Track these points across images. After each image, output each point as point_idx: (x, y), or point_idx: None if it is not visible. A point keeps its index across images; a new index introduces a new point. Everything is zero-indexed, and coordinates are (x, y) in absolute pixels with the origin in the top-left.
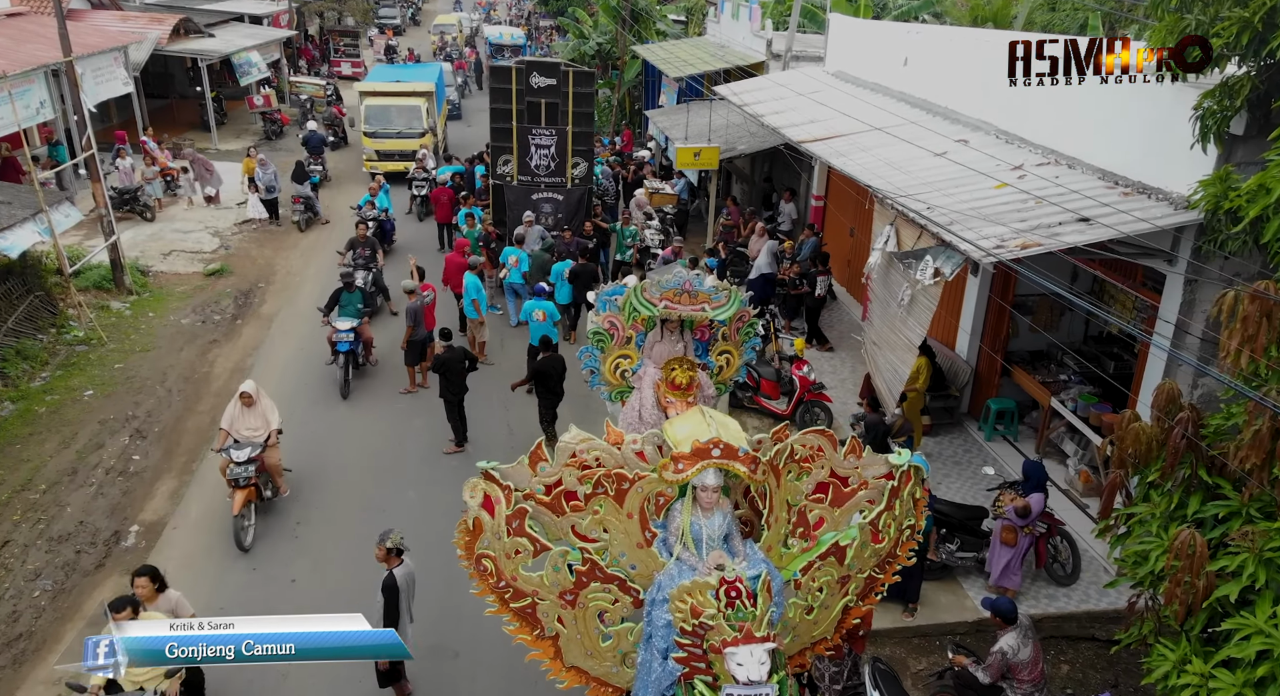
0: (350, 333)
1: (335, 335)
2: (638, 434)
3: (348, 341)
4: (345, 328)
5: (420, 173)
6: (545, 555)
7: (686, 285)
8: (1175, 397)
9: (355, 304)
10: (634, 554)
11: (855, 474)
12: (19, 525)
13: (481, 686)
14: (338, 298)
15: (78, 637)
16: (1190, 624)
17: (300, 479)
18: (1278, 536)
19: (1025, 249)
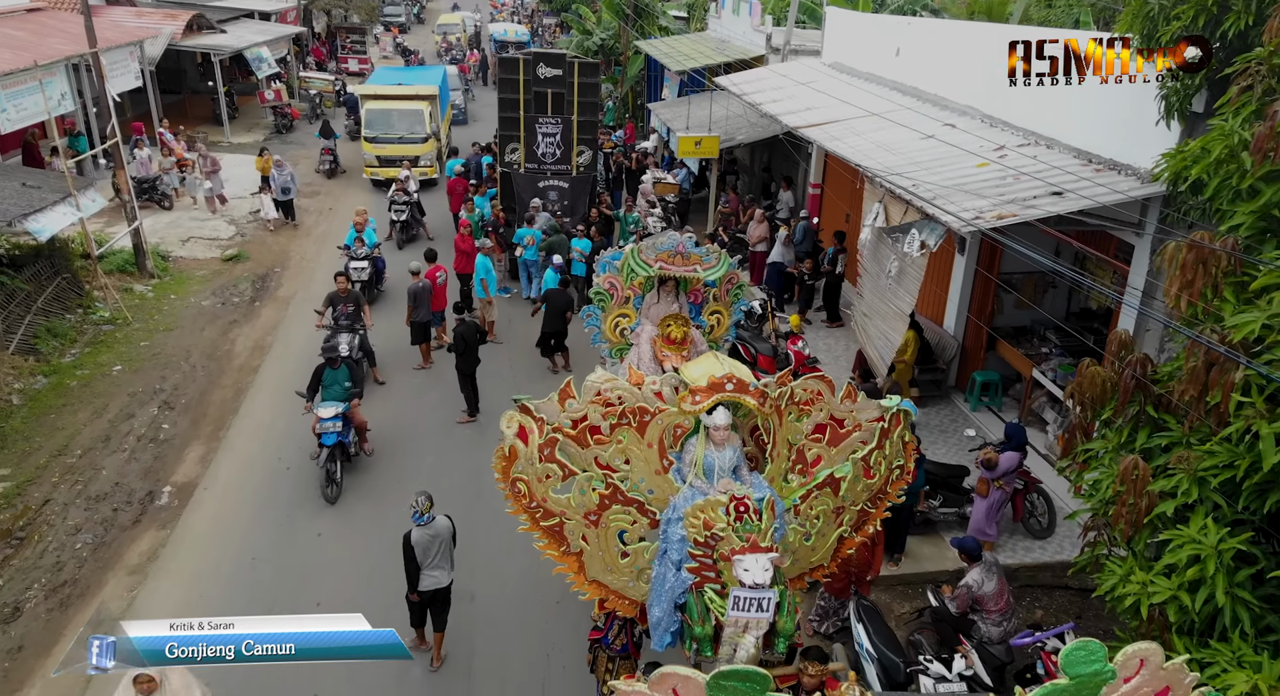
0: (338, 420)
1: (319, 425)
2: (655, 377)
3: (335, 432)
4: (330, 414)
5: (401, 194)
6: (572, 479)
7: (680, 247)
8: (1127, 344)
9: (341, 382)
10: (652, 480)
11: (850, 417)
12: (58, 486)
13: (497, 626)
14: (320, 376)
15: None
16: (1135, 540)
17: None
18: (1210, 458)
19: (1001, 219)
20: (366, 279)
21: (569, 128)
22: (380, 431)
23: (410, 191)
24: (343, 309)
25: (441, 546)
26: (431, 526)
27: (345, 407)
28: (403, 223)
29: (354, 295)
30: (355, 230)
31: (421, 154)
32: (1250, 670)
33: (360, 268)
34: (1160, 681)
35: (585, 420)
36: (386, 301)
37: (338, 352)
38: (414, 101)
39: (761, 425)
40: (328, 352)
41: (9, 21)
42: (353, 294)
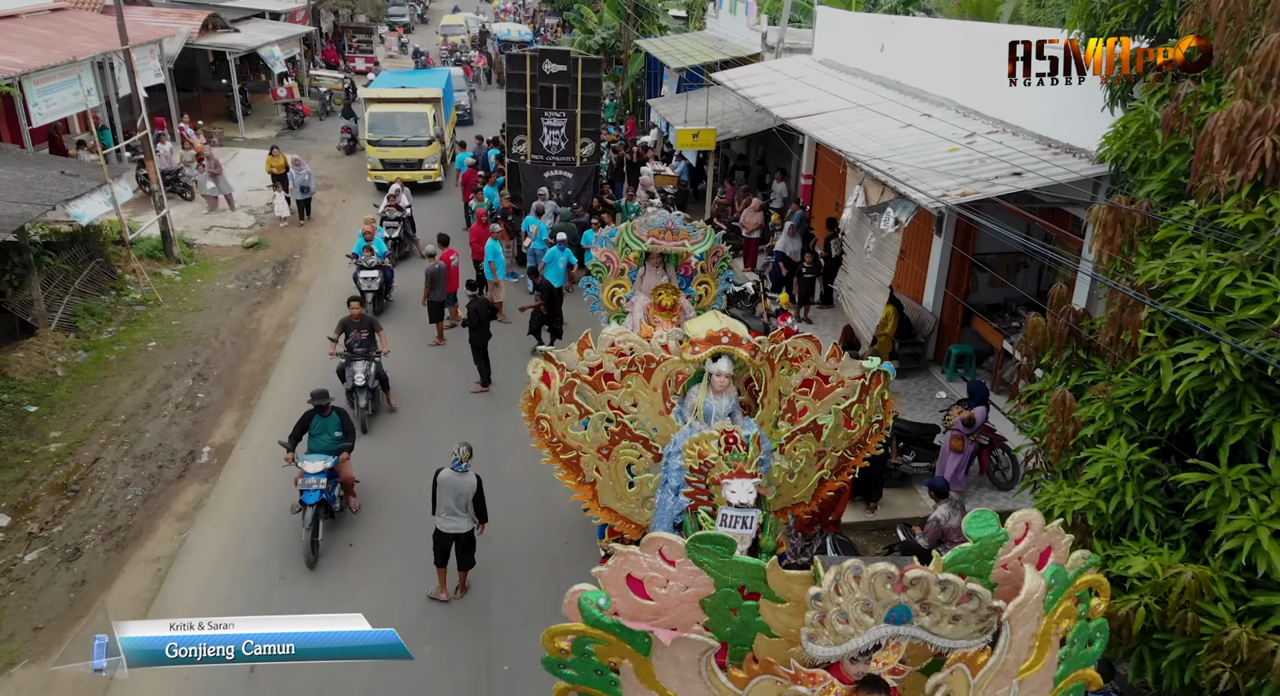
0: (323, 476)
1: (302, 481)
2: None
3: (319, 489)
4: (316, 469)
5: (393, 210)
6: (588, 418)
7: (669, 224)
8: (1064, 298)
9: (331, 431)
10: (656, 419)
11: (835, 373)
12: (105, 446)
13: (512, 564)
14: (306, 424)
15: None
16: (1063, 461)
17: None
18: (1123, 387)
19: (965, 196)
20: (377, 288)
21: (573, 121)
22: (403, 404)
23: (403, 206)
24: (356, 335)
25: (462, 497)
26: (463, 476)
27: (334, 462)
28: (395, 240)
29: (368, 320)
30: (364, 238)
31: (425, 157)
32: (1153, 558)
33: (371, 277)
34: (1043, 542)
35: (600, 367)
36: (395, 310)
37: (328, 399)
38: (418, 104)
39: (754, 375)
40: (317, 399)
41: (36, 21)
42: (367, 318)
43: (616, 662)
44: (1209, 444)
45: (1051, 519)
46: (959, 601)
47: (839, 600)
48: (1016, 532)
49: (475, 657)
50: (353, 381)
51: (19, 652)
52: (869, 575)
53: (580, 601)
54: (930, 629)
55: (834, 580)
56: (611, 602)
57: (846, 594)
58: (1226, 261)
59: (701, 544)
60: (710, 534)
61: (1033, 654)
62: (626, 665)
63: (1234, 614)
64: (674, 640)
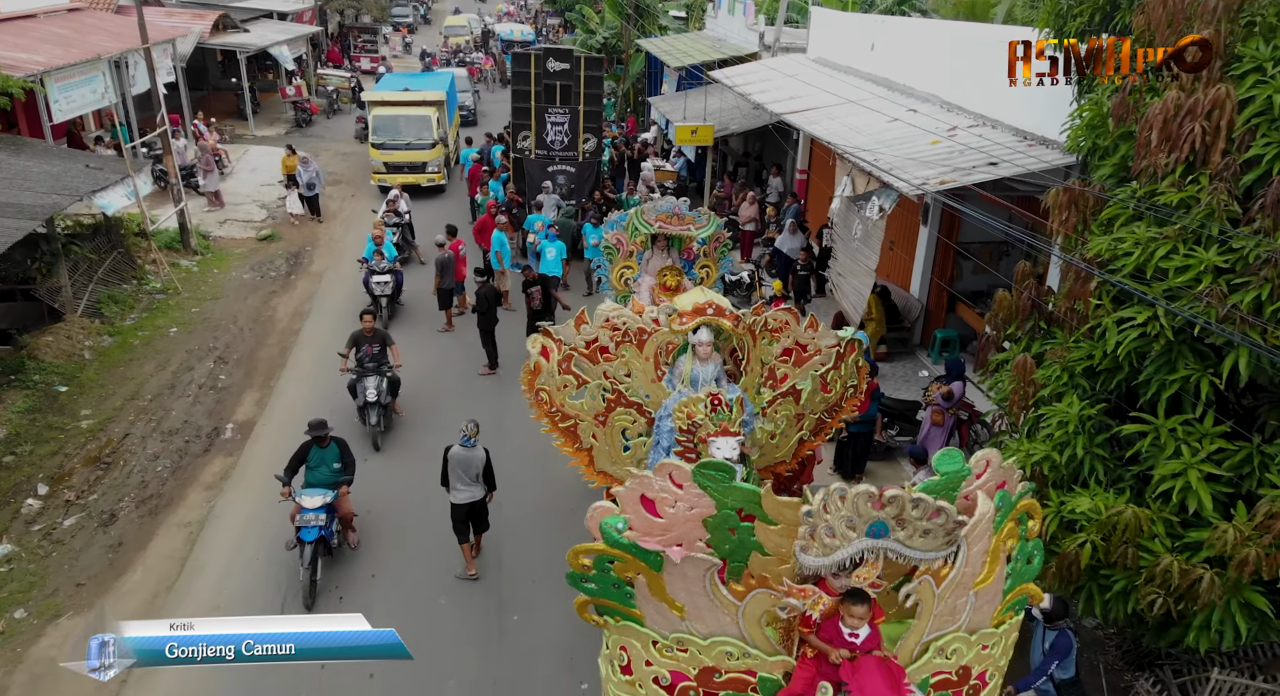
0: (322, 511)
1: (300, 517)
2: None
3: (317, 526)
4: (315, 505)
5: (391, 216)
6: (585, 388)
7: (676, 210)
8: (1029, 274)
9: (330, 463)
10: (648, 387)
11: (813, 343)
12: (134, 423)
13: (521, 528)
14: (304, 456)
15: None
16: (1025, 420)
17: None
18: (1076, 350)
19: (943, 184)
20: (390, 292)
21: (576, 117)
22: (412, 383)
23: (401, 212)
24: (368, 349)
25: (472, 469)
26: (471, 451)
27: (333, 496)
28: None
29: (380, 334)
30: (374, 242)
31: (429, 160)
32: (1098, 499)
33: (384, 281)
34: (1000, 477)
35: (596, 341)
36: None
37: (327, 429)
38: (421, 107)
39: (737, 344)
40: (315, 430)
41: (53, 20)
42: (379, 333)
43: (632, 577)
44: (1148, 398)
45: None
46: (930, 516)
47: (827, 517)
48: (978, 468)
49: (487, 608)
50: (364, 398)
51: (63, 606)
52: (852, 495)
53: (601, 525)
54: (904, 542)
55: (823, 500)
56: (628, 523)
57: (833, 511)
58: (1162, 235)
59: (706, 469)
60: (714, 461)
61: (985, 568)
62: (640, 579)
63: (1169, 549)
64: (683, 558)
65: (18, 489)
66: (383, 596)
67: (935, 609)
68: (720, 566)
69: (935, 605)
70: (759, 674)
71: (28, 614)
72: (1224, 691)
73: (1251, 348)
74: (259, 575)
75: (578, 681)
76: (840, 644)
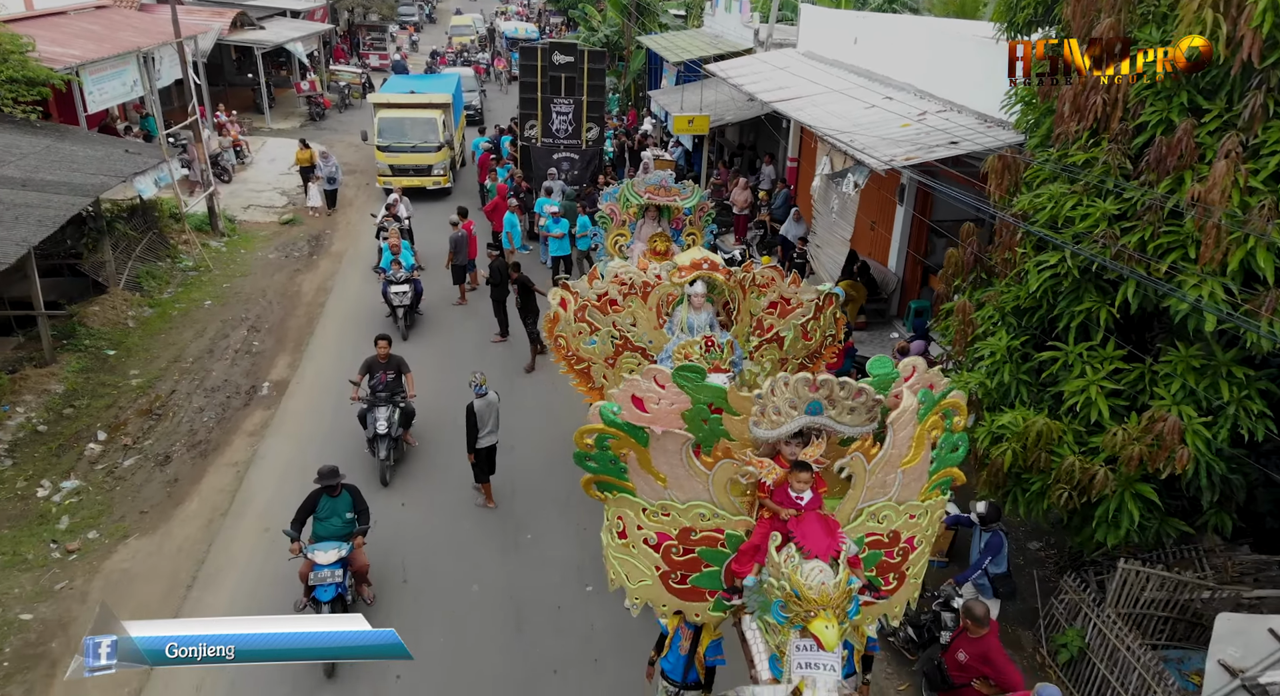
0: (337, 567)
1: (313, 575)
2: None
3: (334, 584)
4: (329, 561)
5: (391, 221)
6: (597, 334)
7: (663, 183)
8: (971, 233)
9: (342, 514)
10: (651, 333)
11: (795, 297)
12: (179, 382)
13: (532, 466)
14: (313, 506)
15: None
16: (965, 355)
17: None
18: (1006, 293)
19: (909, 160)
20: (409, 303)
21: (579, 107)
22: (430, 350)
23: (401, 217)
24: (382, 377)
25: (494, 413)
26: (487, 397)
27: (348, 549)
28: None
29: (395, 361)
30: (390, 252)
31: (435, 163)
32: (1018, 413)
33: (402, 292)
34: (926, 381)
35: (606, 295)
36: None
37: (338, 478)
38: (427, 110)
39: (730, 297)
40: (325, 478)
41: (83, 17)
42: (394, 359)
43: (625, 454)
44: (1061, 329)
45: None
46: (854, 397)
47: (774, 399)
48: (905, 371)
49: (505, 530)
50: (374, 429)
51: (131, 529)
52: (794, 381)
53: (601, 409)
54: (835, 418)
55: (770, 385)
56: (621, 411)
57: (779, 394)
58: (1070, 190)
59: (683, 372)
60: (689, 364)
61: (910, 451)
62: (631, 455)
63: (1075, 453)
64: (663, 432)
65: (79, 435)
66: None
67: (867, 481)
68: (694, 441)
69: (867, 478)
70: (726, 531)
71: (100, 535)
72: (1131, 579)
73: (1138, 280)
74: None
75: (584, 585)
76: (789, 505)
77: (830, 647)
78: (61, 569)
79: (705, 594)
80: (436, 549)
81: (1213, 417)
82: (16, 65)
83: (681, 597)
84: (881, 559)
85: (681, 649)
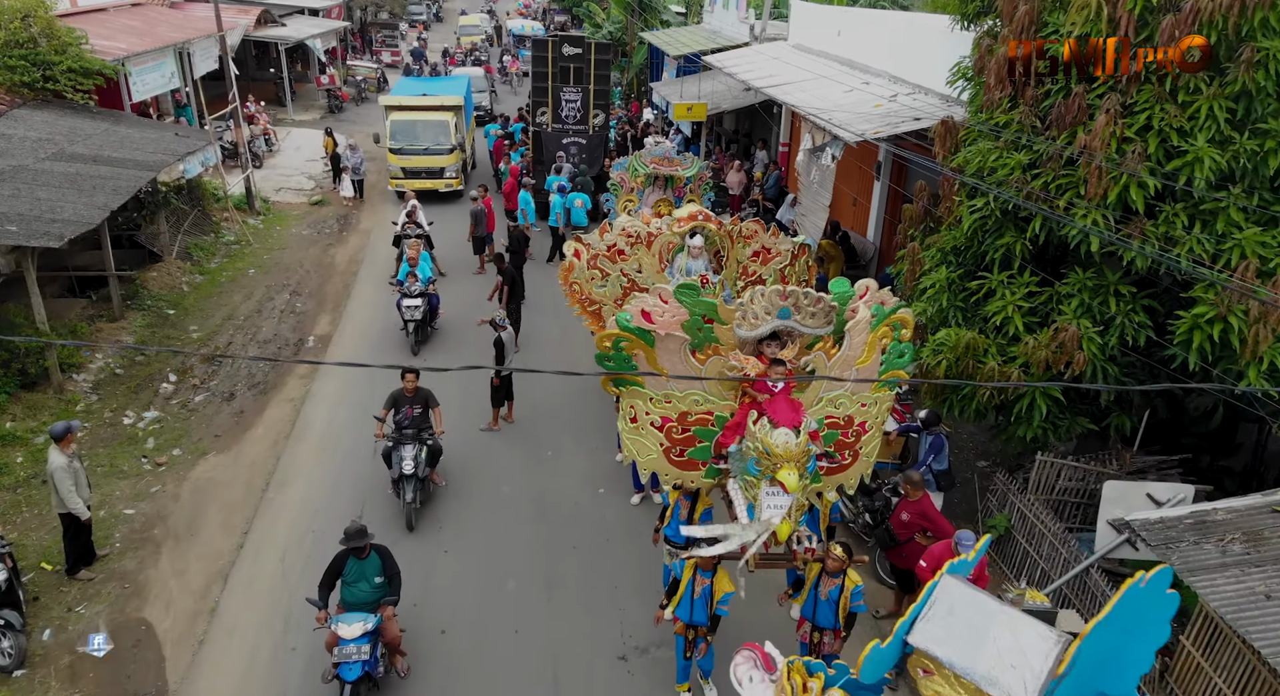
0: (364, 641)
1: (338, 651)
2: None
3: (360, 660)
4: (354, 635)
5: (412, 227)
6: (607, 279)
7: (667, 154)
8: (922, 189)
9: (370, 578)
10: (654, 277)
11: (775, 247)
12: (234, 336)
13: (550, 392)
14: (340, 569)
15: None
16: (914, 288)
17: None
18: (947, 234)
19: (877, 134)
20: (420, 317)
21: (587, 96)
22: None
23: (421, 223)
24: (408, 411)
25: (512, 346)
26: (508, 332)
27: (376, 621)
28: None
29: (423, 394)
30: (408, 264)
31: (447, 165)
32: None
33: (414, 305)
34: (877, 299)
35: (615, 245)
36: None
37: (366, 538)
38: (439, 112)
39: (721, 246)
40: (352, 539)
41: (121, 14)
42: (421, 393)
43: (635, 354)
44: (987, 262)
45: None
46: (814, 304)
47: (753, 306)
48: (860, 290)
49: (528, 446)
50: (400, 469)
51: (208, 448)
52: (768, 292)
53: (617, 317)
54: (800, 322)
55: (750, 295)
56: (632, 318)
57: (757, 302)
58: (994, 146)
59: (682, 289)
60: (688, 283)
61: (864, 353)
62: (640, 353)
63: (997, 361)
64: (666, 333)
65: (152, 377)
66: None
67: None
68: (689, 341)
69: (827, 372)
70: (715, 413)
71: (182, 452)
72: (1047, 470)
73: (1044, 215)
74: (352, 430)
75: (596, 488)
76: (764, 391)
77: (792, 490)
78: (154, 477)
79: (699, 464)
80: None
81: (1104, 328)
82: (74, 57)
83: (680, 468)
84: (838, 438)
85: (681, 516)
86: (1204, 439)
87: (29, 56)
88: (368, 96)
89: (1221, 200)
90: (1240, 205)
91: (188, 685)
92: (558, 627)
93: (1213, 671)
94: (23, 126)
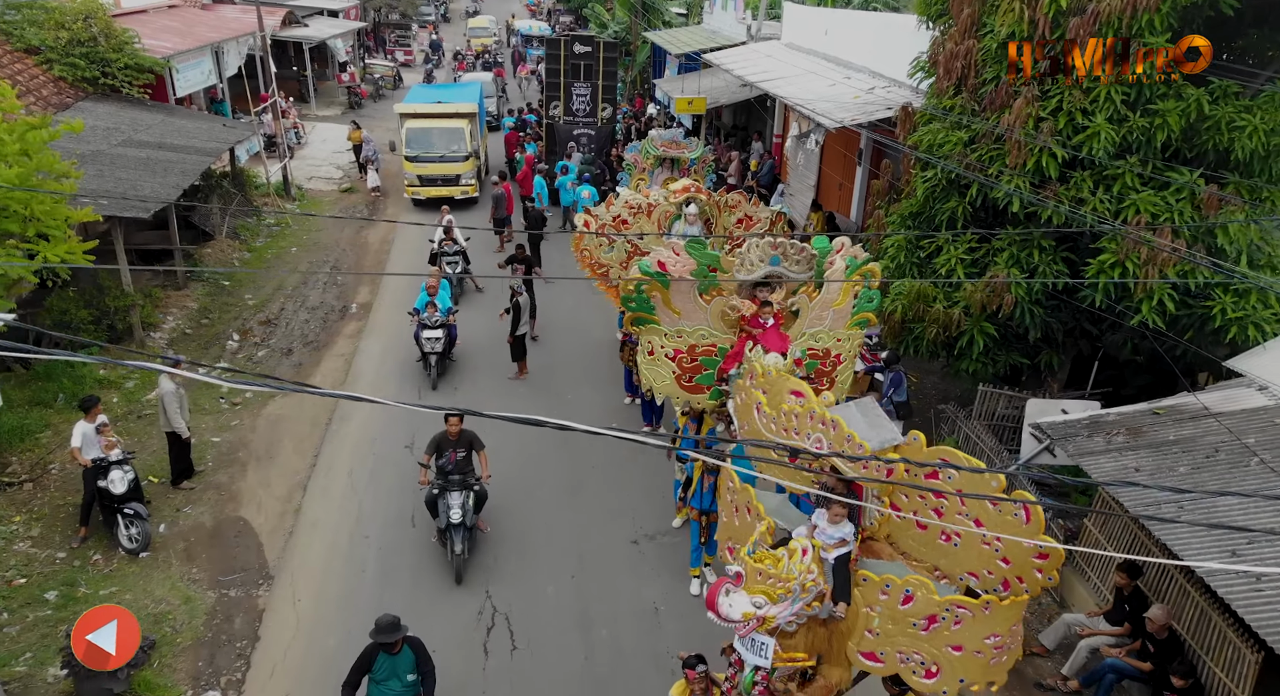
0: None
1: None
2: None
3: None
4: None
5: (451, 244)
6: (613, 245)
7: (674, 139)
8: (888, 168)
9: (403, 675)
10: (655, 242)
11: (756, 215)
12: (285, 303)
13: (562, 357)
14: (368, 665)
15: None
16: (878, 247)
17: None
18: (906, 203)
19: (854, 121)
20: (440, 349)
21: (596, 90)
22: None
23: (459, 240)
24: (452, 455)
25: (533, 309)
26: (523, 297)
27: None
28: (458, 278)
29: (467, 437)
30: (427, 293)
31: (462, 172)
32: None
33: (434, 338)
34: (852, 253)
35: (620, 216)
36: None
37: (400, 632)
38: (454, 120)
39: (711, 215)
40: (383, 634)
41: (161, 15)
42: (465, 435)
43: (654, 295)
44: (936, 224)
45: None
46: (799, 253)
47: (749, 255)
48: (836, 246)
49: (548, 396)
50: (447, 518)
51: (275, 392)
52: (762, 243)
53: (640, 264)
54: (788, 268)
55: (748, 246)
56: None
57: (752, 251)
58: (941, 127)
59: (691, 243)
60: (697, 238)
61: (839, 296)
62: (657, 295)
63: (942, 304)
64: (679, 278)
65: (218, 337)
66: None
67: (809, 314)
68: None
69: (809, 312)
70: (718, 345)
71: (254, 396)
72: (988, 398)
73: (978, 182)
74: (397, 376)
75: (609, 425)
76: (757, 326)
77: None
78: (232, 414)
79: (704, 388)
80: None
81: (1030, 275)
82: (130, 54)
83: (689, 391)
84: (818, 367)
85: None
86: (1143, 389)
87: (89, 54)
88: (384, 93)
89: (1120, 167)
90: (1136, 171)
91: (284, 561)
92: (581, 520)
93: (1104, 541)
94: (91, 117)
